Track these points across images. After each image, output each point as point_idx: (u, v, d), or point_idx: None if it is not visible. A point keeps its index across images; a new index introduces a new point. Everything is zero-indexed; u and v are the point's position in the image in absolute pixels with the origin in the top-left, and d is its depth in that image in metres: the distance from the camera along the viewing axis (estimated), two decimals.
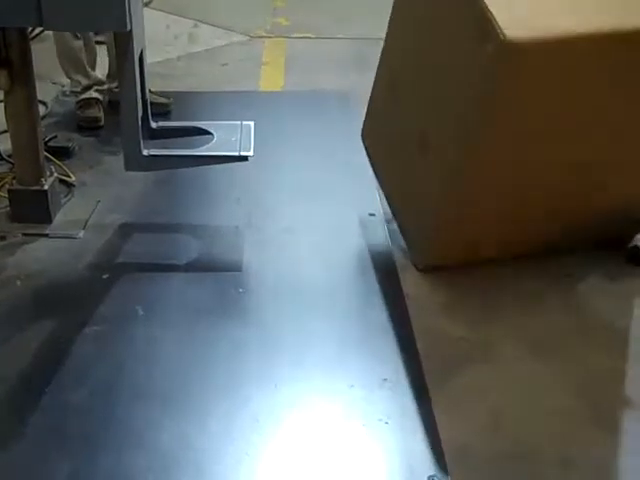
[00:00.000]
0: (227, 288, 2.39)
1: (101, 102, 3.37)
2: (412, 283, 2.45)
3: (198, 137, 2.68)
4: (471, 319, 2.31)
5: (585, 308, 2.38)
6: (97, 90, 3.37)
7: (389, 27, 2.47)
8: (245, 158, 2.55)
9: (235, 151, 2.55)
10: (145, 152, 2.46)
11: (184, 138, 2.76)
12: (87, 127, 3.31)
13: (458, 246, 2.42)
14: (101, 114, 3.34)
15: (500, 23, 1.96)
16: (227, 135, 2.63)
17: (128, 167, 2.51)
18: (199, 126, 2.71)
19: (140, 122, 2.43)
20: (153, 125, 2.62)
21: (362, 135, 2.72)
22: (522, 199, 2.32)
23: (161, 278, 2.45)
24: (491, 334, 2.25)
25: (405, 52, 2.43)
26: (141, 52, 2.42)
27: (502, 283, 2.46)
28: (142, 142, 2.45)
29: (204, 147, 2.59)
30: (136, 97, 2.40)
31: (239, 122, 2.67)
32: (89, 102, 3.33)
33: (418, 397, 2.00)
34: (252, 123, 2.65)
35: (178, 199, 2.89)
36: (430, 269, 2.47)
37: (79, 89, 3.35)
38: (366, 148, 2.72)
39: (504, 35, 1.95)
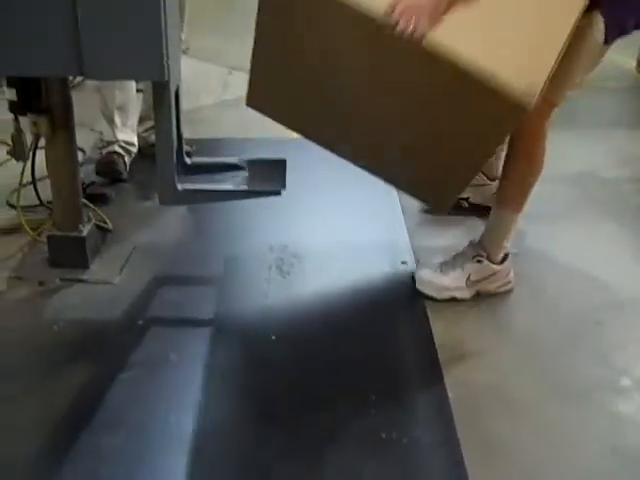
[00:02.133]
0: (261, 335, 2.41)
1: (122, 156, 3.41)
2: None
3: (231, 173, 2.71)
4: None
5: None
6: (121, 147, 3.41)
7: None
8: (278, 192, 2.58)
9: (268, 186, 2.59)
10: (179, 187, 2.49)
11: (218, 174, 2.79)
12: (104, 174, 3.34)
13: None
14: (121, 163, 3.38)
15: None
16: (260, 170, 2.67)
17: (162, 201, 2.54)
18: (232, 162, 2.75)
19: (175, 158, 2.48)
20: (187, 161, 2.66)
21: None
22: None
23: (194, 325, 2.48)
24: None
25: None
26: (177, 88, 2.46)
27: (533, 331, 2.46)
28: (176, 177, 2.49)
29: (236, 181, 2.63)
30: (172, 140, 2.45)
31: (272, 158, 2.70)
32: (111, 154, 3.38)
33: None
34: (285, 159, 2.68)
35: (212, 246, 2.92)
36: None
37: (104, 143, 3.42)
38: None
39: None
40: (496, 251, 2.62)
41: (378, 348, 2.40)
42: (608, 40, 2.35)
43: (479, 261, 2.60)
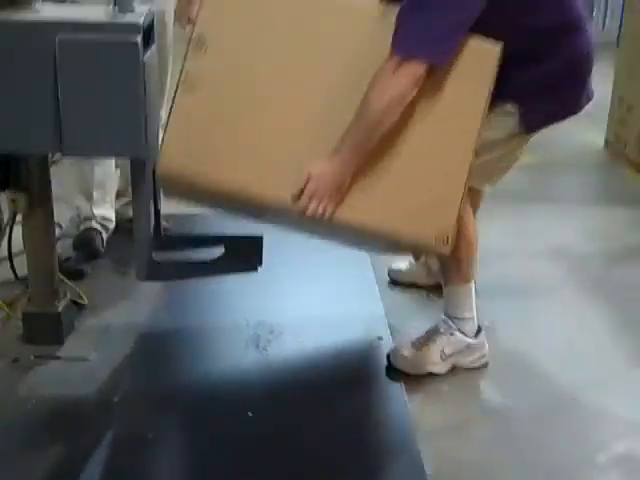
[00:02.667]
0: (238, 412, 2.39)
1: (99, 232, 3.41)
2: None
3: (208, 249, 2.71)
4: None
5: None
6: (99, 223, 3.41)
7: None
8: (255, 269, 2.60)
9: (245, 262, 2.61)
10: (156, 260, 2.50)
11: (195, 250, 2.80)
12: (82, 249, 3.32)
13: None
14: (99, 239, 3.37)
15: None
16: (237, 247, 2.69)
17: (139, 277, 2.54)
18: (209, 237, 2.76)
19: (152, 234, 2.50)
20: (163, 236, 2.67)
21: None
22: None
23: (170, 403, 2.45)
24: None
25: None
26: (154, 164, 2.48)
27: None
28: (153, 253, 2.50)
29: (213, 257, 2.64)
30: (149, 216, 2.46)
31: (249, 234, 2.71)
32: (88, 231, 3.38)
33: None
34: (261, 235, 2.69)
35: (187, 322, 2.91)
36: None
37: (81, 219, 3.42)
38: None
39: None
40: (463, 323, 2.63)
41: (355, 423, 2.39)
42: (531, 129, 2.43)
43: (452, 334, 2.62)
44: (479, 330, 2.67)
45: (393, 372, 2.61)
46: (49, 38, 2.17)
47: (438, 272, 2.84)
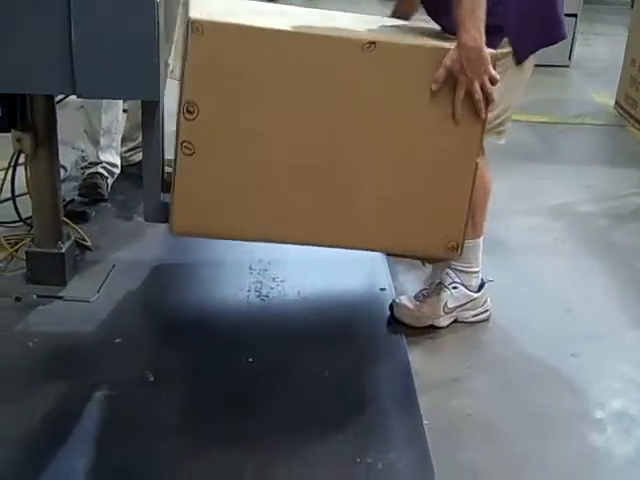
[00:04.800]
0: (239, 358, 2.40)
1: (105, 177, 3.40)
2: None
3: None
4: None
5: None
6: (105, 168, 3.40)
7: None
8: None
9: None
10: (164, 201, 2.48)
11: None
12: (87, 194, 3.31)
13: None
14: (104, 185, 3.36)
15: (193, 12, 2.15)
16: None
17: (147, 218, 2.56)
18: None
19: (161, 177, 2.49)
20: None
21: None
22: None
23: (172, 345, 2.47)
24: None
25: None
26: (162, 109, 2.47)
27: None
28: (162, 195, 2.49)
29: None
30: (159, 158, 2.46)
31: None
32: (93, 175, 3.38)
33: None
34: None
35: (191, 266, 2.92)
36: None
37: (87, 163, 3.41)
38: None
39: (191, 17, 2.11)
40: (469, 277, 2.64)
41: (355, 374, 2.39)
42: (521, 59, 2.42)
43: (455, 287, 2.62)
44: (482, 285, 2.67)
45: (395, 323, 2.62)
46: None
47: None
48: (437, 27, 2.49)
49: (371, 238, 2.35)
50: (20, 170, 2.68)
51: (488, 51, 2.20)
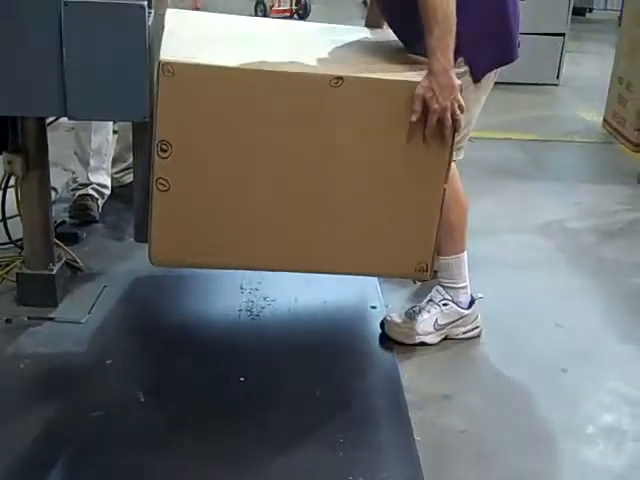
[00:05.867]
0: (230, 378, 2.41)
1: (96, 199, 3.41)
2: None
3: None
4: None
5: None
6: (95, 189, 3.41)
7: None
8: None
9: None
10: None
11: None
12: (78, 216, 3.32)
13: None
14: (94, 206, 3.37)
15: (164, 52, 2.16)
16: None
17: (138, 238, 2.58)
18: None
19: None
20: None
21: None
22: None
23: (163, 366, 2.47)
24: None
25: None
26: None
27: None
28: None
29: None
30: (149, 177, 2.46)
31: None
32: (84, 197, 3.38)
33: None
34: None
35: (182, 286, 2.93)
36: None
37: (77, 185, 3.42)
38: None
39: (161, 59, 2.11)
40: (457, 293, 2.65)
41: (347, 391, 2.40)
42: (477, 78, 2.45)
43: (445, 304, 2.63)
44: (472, 301, 2.68)
45: (386, 341, 2.62)
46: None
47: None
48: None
49: (343, 263, 2.37)
50: (11, 192, 2.69)
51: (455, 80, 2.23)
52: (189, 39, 2.37)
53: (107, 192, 3.46)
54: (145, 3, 2.20)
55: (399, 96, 2.20)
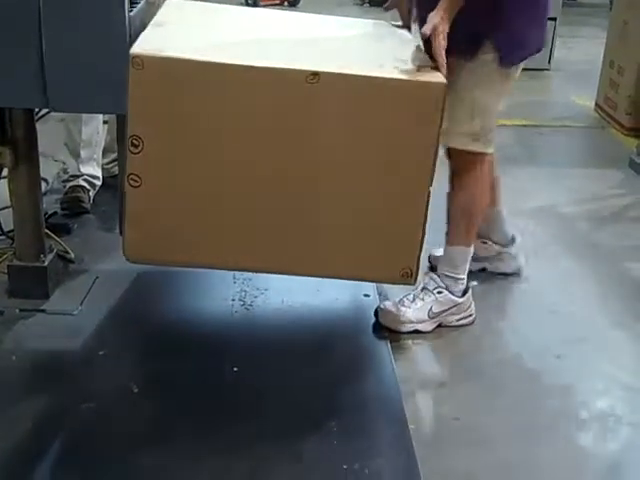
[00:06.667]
0: (223, 367, 2.40)
1: (87, 190, 3.39)
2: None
3: None
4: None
5: None
6: (86, 180, 3.40)
7: None
8: None
9: None
10: None
11: None
12: (70, 208, 3.31)
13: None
14: (86, 197, 3.36)
15: (138, 44, 2.14)
16: None
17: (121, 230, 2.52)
18: None
19: None
20: None
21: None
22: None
23: (155, 357, 2.46)
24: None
25: None
26: None
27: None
28: None
29: None
30: None
31: None
32: (75, 188, 3.37)
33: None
34: None
35: (173, 277, 2.91)
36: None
37: (68, 176, 3.40)
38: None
39: (131, 52, 2.09)
40: (454, 283, 2.65)
41: (340, 380, 2.40)
42: (506, 63, 2.45)
43: (439, 292, 2.63)
44: (466, 289, 2.68)
45: (379, 329, 2.62)
46: None
47: (484, 257, 2.93)
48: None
49: (323, 266, 2.35)
50: (2, 183, 2.67)
51: None
52: (172, 31, 2.34)
53: (98, 183, 3.45)
54: None
55: (379, 94, 2.15)
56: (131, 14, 2.24)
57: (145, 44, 2.15)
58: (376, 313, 2.65)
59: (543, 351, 2.59)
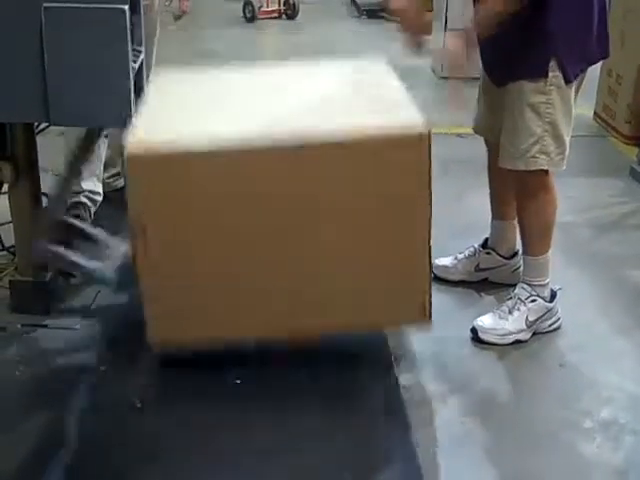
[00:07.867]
0: (226, 380, 2.40)
1: (88, 207, 3.39)
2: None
3: None
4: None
5: None
6: (87, 197, 3.39)
7: None
8: None
9: None
10: None
11: None
12: None
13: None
14: (86, 215, 3.36)
15: (133, 135, 2.19)
16: None
17: None
18: None
19: None
20: None
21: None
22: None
23: (158, 371, 2.46)
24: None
25: None
26: None
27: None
28: None
29: None
30: None
31: None
32: (76, 205, 3.36)
33: None
34: None
35: None
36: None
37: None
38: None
39: (128, 153, 2.16)
40: (543, 289, 2.68)
41: (343, 390, 2.39)
42: (571, 78, 2.51)
43: (533, 301, 2.65)
44: (554, 294, 2.71)
45: (383, 344, 2.61)
46: (35, 5, 2.16)
47: (486, 268, 2.94)
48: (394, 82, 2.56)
49: (336, 320, 2.38)
50: (2, 199, 2.67)
51: None
52: (163, 112, 2.40)
53: (99, 198, 3.44)
54: (126, 7, 2.18)
55: (360, 157, 2.21)
56: (131, 27, 2.24)
57: (139, 134, 2.20)
58: (474, 331, 2.66)
59: (546, 360, 2.59)
